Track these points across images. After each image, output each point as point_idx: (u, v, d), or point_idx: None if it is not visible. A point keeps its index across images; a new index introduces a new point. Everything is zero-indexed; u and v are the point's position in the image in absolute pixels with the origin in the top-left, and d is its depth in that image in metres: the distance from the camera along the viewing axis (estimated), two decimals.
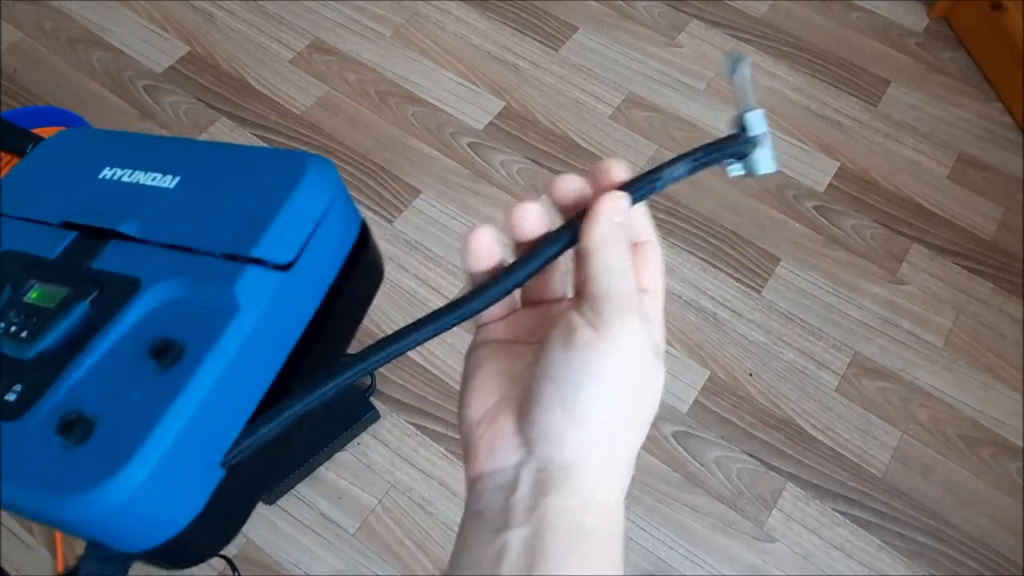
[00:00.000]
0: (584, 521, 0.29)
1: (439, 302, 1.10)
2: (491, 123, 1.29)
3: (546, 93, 1.33)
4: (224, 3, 1.39)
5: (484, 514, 0.30)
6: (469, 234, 0.33)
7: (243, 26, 1.36)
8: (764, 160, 0.33)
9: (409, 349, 0.36)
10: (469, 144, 1.26)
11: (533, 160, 1.25)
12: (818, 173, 1.27)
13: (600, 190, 0.32)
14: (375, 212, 1.18)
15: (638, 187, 0.32)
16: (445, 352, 1.07)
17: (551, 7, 1.42)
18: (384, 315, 1.09)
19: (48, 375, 0.41)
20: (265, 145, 1.23)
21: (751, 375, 1.08)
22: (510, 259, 0.34)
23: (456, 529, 0.35)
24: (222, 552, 0.92)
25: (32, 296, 0.45)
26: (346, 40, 1.36)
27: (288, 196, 0.45)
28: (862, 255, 1.19)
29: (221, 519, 0.42)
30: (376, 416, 1.01)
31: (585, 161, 1.25)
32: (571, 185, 0.32)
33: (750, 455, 1.03)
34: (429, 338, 0.36)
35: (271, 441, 0.41)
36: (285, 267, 0.44)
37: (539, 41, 1.39)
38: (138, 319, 0.42)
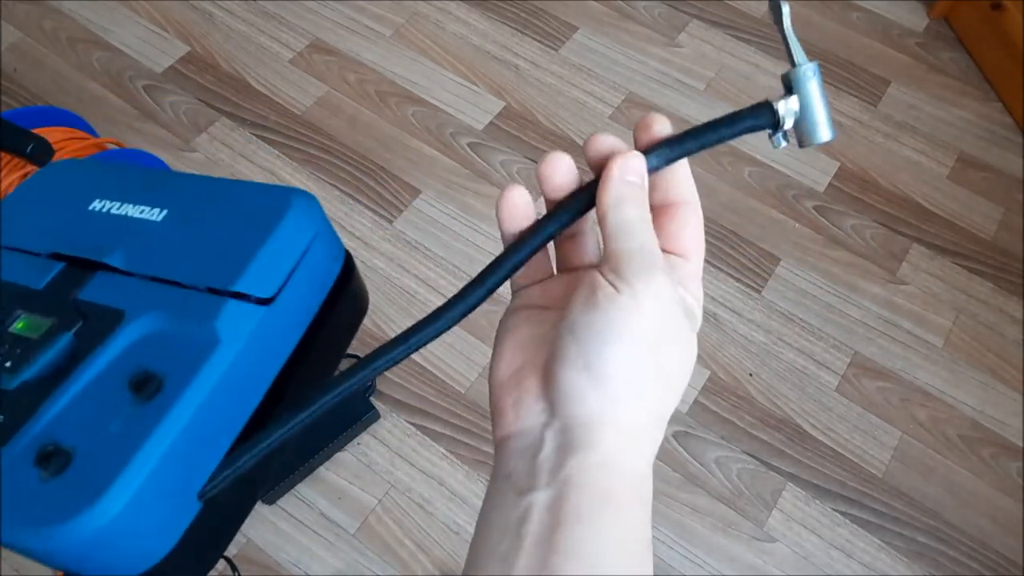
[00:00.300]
0: (609, 482, 0.28)
1: (439, 302, 1.10)
2: (491, 123, 1.29)
3: (546, 93, 1.33)
4: (224, 3, 1.39)
5: (511, 476, 0.30)
6: (502, 194, 0.33)
7: (243, 26, 1.36)
8: (819, 125, 0.30)
9: (417, 348, 0.37)
10: (469, 144, 1.26)
11: (533, 160, 1.25)
12: (818, 173, 1.27)
13: (640, 146, 0.32)
14: (375, 212, 1.18)
15: (669, 147, 0.31)
16: (445, 352, 1.07)
17: (551, 7, 1.42)
18: (384, 315, 1.09)
19: (29, 406, 0.41)
20: (265, 144, 1.23)
21: (751, 375, 1.08)
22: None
23: (455, 529, 0.35)
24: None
25: (18, 326, 0.45)
26: (346, 40, 1.36)
27: (271, 231, 0.45)
28: (862, 255, 1.19)
29: (198, 550, 0.42)
30: (376, 416, 1.01)
31: (585, 161, 1.25)
32: (604, 144, 0.32)
33: (750, 455, 1.03)
34: (437, 334, 0.36)
35: (248, 474, 0.42)
36: (267, 301, 0.44)
37: (539, 41, 1.39)
38: (120, 351, 0.42)
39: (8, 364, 0.42)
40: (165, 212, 0.48)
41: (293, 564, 0.93)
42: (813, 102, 0.30)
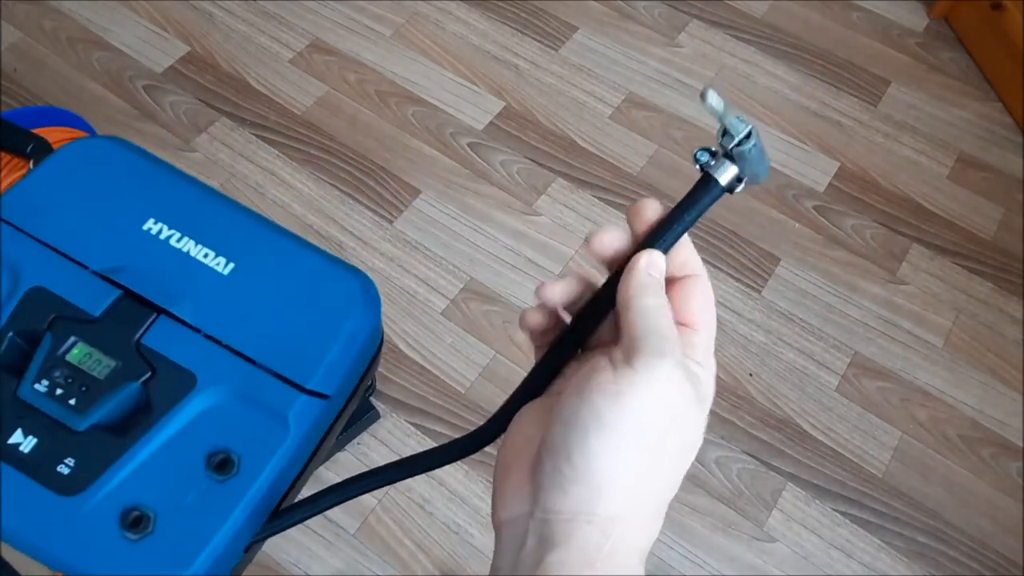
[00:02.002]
0: None
1: (439, 302, 1.11)
2: (491, 123, 1.29)
3: (546, 93, 1.33)
4: (224, 3, 1.39)
5: (500, 570, 0.29)
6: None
7: (243, 26, 1.37)
8: (759, 176, 0.32)
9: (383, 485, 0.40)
10: (469, 144, 1.26)
11: (533, 160, 1.25)
12: (818, 173, 1.27)
13: (636, 233, 0.32)
14: (375, 212, 1.18)
15: (663, 238, 0.32)
16: (445, 352, 1.07)
17: (551, 7, 1.42)
18: (384, 316, 1.09)
19: (104, 457, 0.43)
20: (265, 144, 1.23)
21: (751, 375, 1.08)
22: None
23: (455, 529, 0.35)
24: None
25: (75, 355, 0.45)
26: (346, 40, 1.36)
27: (340, 329, 0.48)
28: (862, 255, 1.19)
29: None
30: (376, 416, 1.01)
31: (586, 161, 1.26)
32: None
33: (750, 455, 1.03)
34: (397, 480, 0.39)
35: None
36: (327, 396, 0.47)
37: (539, 41, 1.39)
38: (193, 418, 0.44)
39: (73, 402, 0.42)
40: (232, 266, 0.48)
41: (293, 564, 0.93)
42: (754, 163, 0.30)
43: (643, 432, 0.27)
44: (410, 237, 1.16)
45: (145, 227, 0.49)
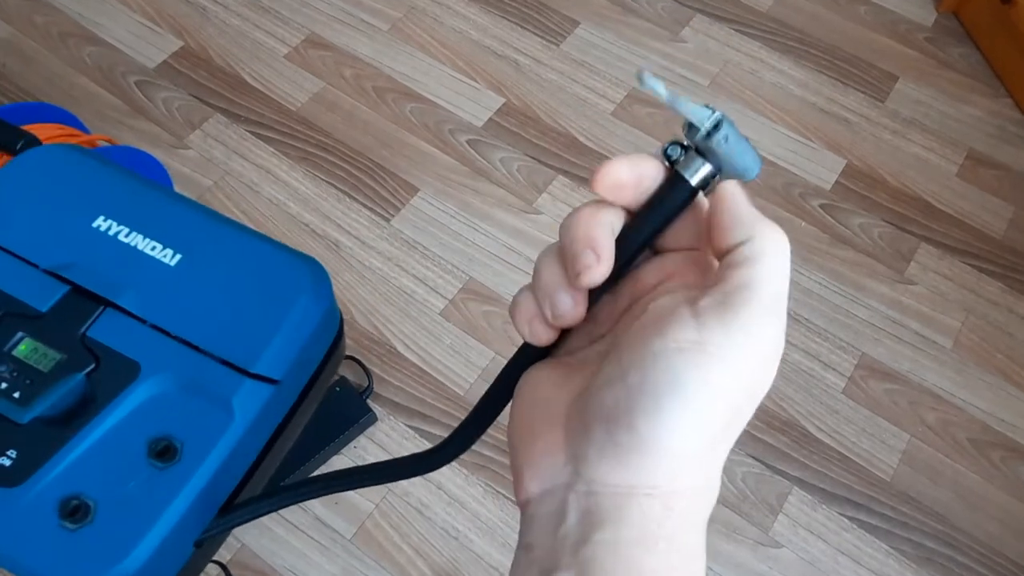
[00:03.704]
0: (645, 562, 0.23)
1: (437, 302, 1.10)
2: (491, 120, 1.28)
3: (547, 89, 1.33)
4: None
5: (533, 548, 0.25)
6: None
7: (237, 20, 1.36)
8: (745, 169, 0.26)
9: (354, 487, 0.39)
10: (468, 141, 1.26)
11: (534, 157, 1.25)
12: (824, 171, 1.27)
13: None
14: (372, 210, 1.18)
15: (627, 243, 0.27)
16: (443, 353, 1.07)
17: (552, 1, 1.42)
18: (381, 316, 1.09)
19: (45, 447, 0.44)
20: (260, 141, 1.23)
21: None
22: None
23: (454, 534, 0.34)
24: (216, 558, 0.92)
25: (21, 350, 0.46)
26: (342, 35, 1.36)
27: (288, 313, 0.49)
28: (869, 254, 1.19)
29: None
30: (373, 419, 1.01)
31: (587, 159, 1.25)
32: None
33: (755, 458, 1.03)
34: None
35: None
36: (276, 381, 0.48)
37: (540, 36, 1.39)
38: (136, 406, 0.45)
39: (17, 395, 0.43)
40: (179, 257, 0.49)
41: (288, 570, 0.93)
42: (729, 157, 0.26)
43: (728, 399, 0.23)
44: (408, 236, 1.16)
45: (94, 224, 0.51)
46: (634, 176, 0.26)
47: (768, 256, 0.24)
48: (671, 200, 0.26)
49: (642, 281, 0.27)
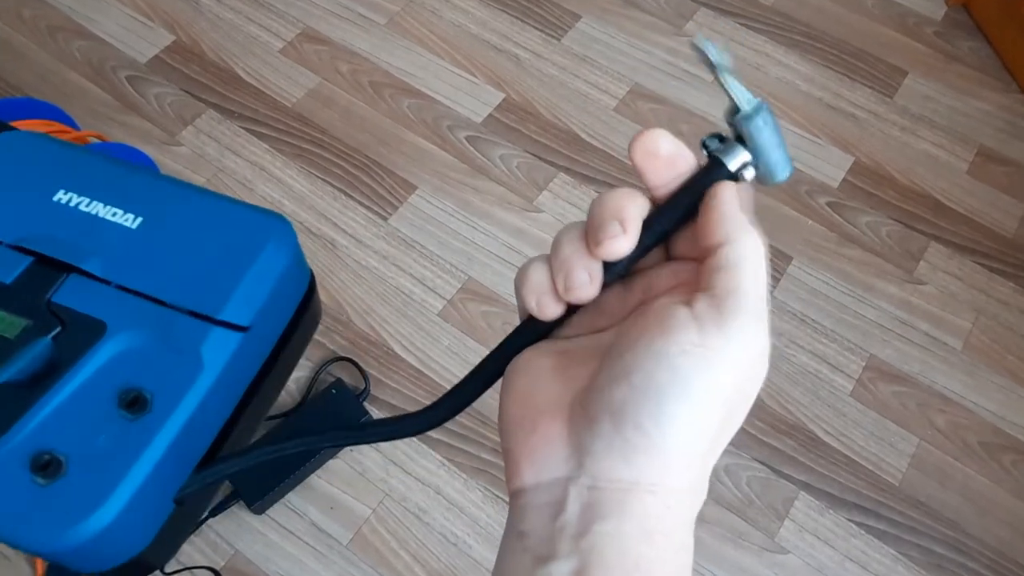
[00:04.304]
0: (643, 553, 0.24)
1: (435, 303, 1.10)
2: (490, 116, 1.28)
3: (548, 84, 1.32)
4: None
5: (527, 536, 0.26)
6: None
7: (231, 14, 1.36)
8: (775, 168, 0.28)
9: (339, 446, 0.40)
10: (467, 138, 1.26)
11: (534, 154, 1.25)
12: (832, 168, 1.27)
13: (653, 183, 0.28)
14: (369, 209, 1.18)
15: (656, 224, 0.28)
16: (441, 354, 1.07)
17: None
18: (378, 317, 1.09)
19: (15, 408, 0.45)
20: (254, 138, 1.23)
21: None
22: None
23: (453, 540, 0.34)
24: (210, 564, 0.92)
25: None
26: (338, 29, 1.36)
27: (252, 261, 0.50)
28: (878, 254, 1.19)
29: (169, 541, 0.47)
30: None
31: (589, 156, 1.25)
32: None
33: (761, 462, 1.03)
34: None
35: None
36: (245, 328, 0.49)
37: (540, 30, 1.38)
38: (104, 363, 0.46)
39: None
40: (140, 220, 0.51)
41: None
42: (766, 148, 0.27)
43: (726, 400, 0.25)
44: (405, 235, 1.16)
45: (55, 198, 0.52)
46: (671, 151, 0.27)
47: (748, 262, 0.26)
48: (706, 184, 0.27)
49: (655, 283, 0.28)
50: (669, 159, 0.27)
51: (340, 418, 0.98)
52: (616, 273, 0.27)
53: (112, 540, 0.42)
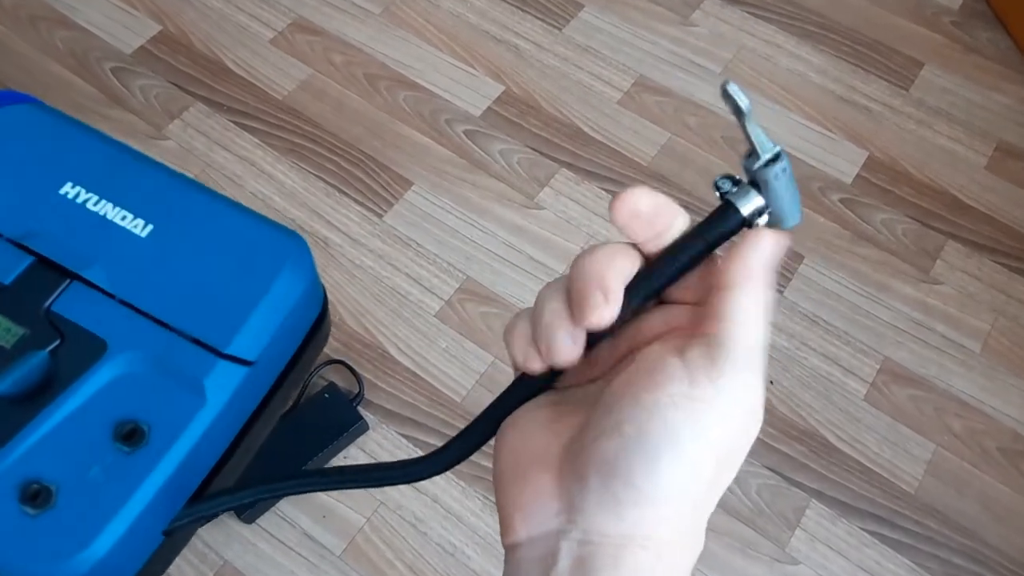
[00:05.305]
0: None
1: (432, 303, 1.10)
2: (489, 109, 1.29)
3: (549, 76, 1.33)
4: None
5: None
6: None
7: (219, 3, 1.37)
8: (787, 216, 0.28)
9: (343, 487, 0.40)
10: (465, 132, 1.26)
11: (535, 149, 1.25)
12: (845, 163, 1.27)
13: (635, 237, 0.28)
14: (363, 206, 1.18)
15: (666, 267, 0.28)
16: (439, 357, 1.07)
17: None
18: (373, 318, 1.09)
19: (5, 428, 0.44)
20: (243, 132, 1.23)
21: (772, 383, 1.08)
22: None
23: (450, 550, 0.34)
24: None
25: None
26: (331, 19, 1.36)
27: (265, 291, 0.49)
28: (893, 252, 1.19)
29: (154, 571, 0.47)
30: (364, 427, 1.01)
31: (592, 150, 1.26)
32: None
33: (771, 469, 1.03)
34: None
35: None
36: (250, 363, 0.48)
37: (541, 20, 1.39)
38: (102, 386, 0.45)
39: None
40: (150, 227, 0.49)
41: None
42: (781, 196, 0.28)
43: (718, 452, 0.25)
44: (401, 233, 1.16)
45: (62, 191, 0.51)
46: (652, 207, 0.27)
47: (748, 312, 0.26)
48: (717, 229, 0.28)
49: (646, 328, 0.29)
50: (650, 214, 0.27)
51: (333, 423, 0.98)
52: (603, 336, 0.28)
53: (101, 572, 0.42)
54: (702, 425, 0.25)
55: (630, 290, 0.27)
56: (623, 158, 1.25)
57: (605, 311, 0.26)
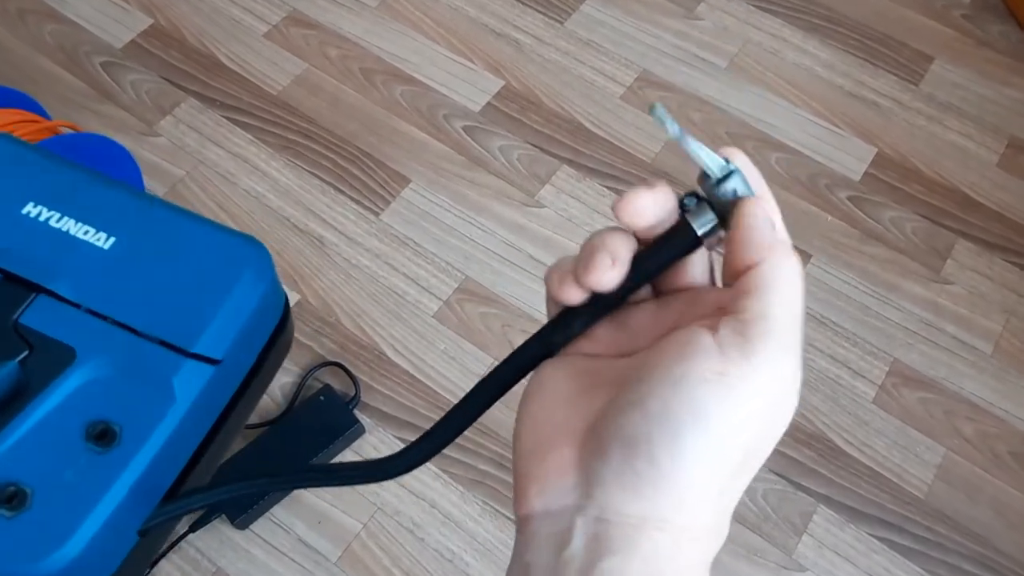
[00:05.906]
0: None
1: (430, 303, 1.10)
2: (489, 104, 1.29)
3: (550, 71, 1.33)
4: None
5: (531, 568, 0.26)
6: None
7: None
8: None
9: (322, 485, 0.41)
10: (464, 128, 1.26)
11: (535, 145, 1.25)
12: (853, 160, 1.27)
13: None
14: (360, 204, 1.18)
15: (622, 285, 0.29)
16: (437, 359, 1.07)
17: None
18: (370, 319, 1.09)
19: None
20: (237, 128, 1.23)
21: None
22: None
23: (448, 556, 0.34)
24: None
25: None
26: (327, 12, 1.36)
27: (228, 291, 0.51)
28: (902, 251, 1.19)
29: (131, 571, 0.49)
30: (360, 430, 1.01)
31: (594, 147, 1.25)
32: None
33: (777, 474, 1.03)
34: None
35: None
36: (217, 361, 0.50)
37: (542, 13, 1.39)
38: (72, 391, 0.47)
39: None
40: (112, 240, 0.52)
41: None
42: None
43: (747, 436, 0.25)
44: (398, 231, 1.16)
45: (24, 211, 0.53)
46: (651, 202, 0.28)
47: (779, 285, 0.25)
48: (674, 246, 0.28)
49: (694, 308, 0.28)
50: (652, 211, 0.28)
51: (329, 426, 0.98)
52: (603, 309, 0.29)
53: (78, 572, 0.43)
54: (731, 403, 0.24)
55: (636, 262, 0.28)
56: (626, 155, 1.25)
57: (611, 272, 0.27)
